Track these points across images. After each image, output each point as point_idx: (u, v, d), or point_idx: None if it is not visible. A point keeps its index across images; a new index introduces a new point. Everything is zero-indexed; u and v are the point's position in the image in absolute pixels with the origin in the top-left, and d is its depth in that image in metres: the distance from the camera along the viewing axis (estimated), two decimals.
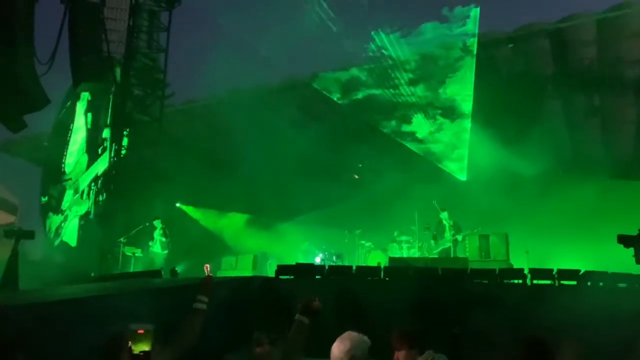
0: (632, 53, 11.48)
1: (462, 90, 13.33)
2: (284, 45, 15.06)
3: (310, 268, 9.05)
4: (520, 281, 7.99)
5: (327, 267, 8.90)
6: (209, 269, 3.03)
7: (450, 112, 14.16)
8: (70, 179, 14.19)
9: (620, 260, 7.48)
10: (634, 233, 6.94)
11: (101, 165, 12.50)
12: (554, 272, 7.99)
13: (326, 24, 13.94)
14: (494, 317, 6.17)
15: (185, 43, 13.73)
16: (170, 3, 12.74)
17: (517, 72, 12.42)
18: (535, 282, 7.92)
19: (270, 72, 14.98)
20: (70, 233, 13.48)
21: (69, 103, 14.76)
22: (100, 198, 12.03)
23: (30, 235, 8.98)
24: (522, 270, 8.21)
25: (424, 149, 14.98)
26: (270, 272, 10.50)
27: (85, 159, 13.54)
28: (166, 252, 11.68)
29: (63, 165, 14.60)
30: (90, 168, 13.09)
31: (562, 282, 7.84)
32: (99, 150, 12.78)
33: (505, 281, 8.09)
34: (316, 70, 13.93)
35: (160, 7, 12.71)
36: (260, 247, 14.13)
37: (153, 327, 2.39)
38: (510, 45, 12.05)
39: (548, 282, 7.92)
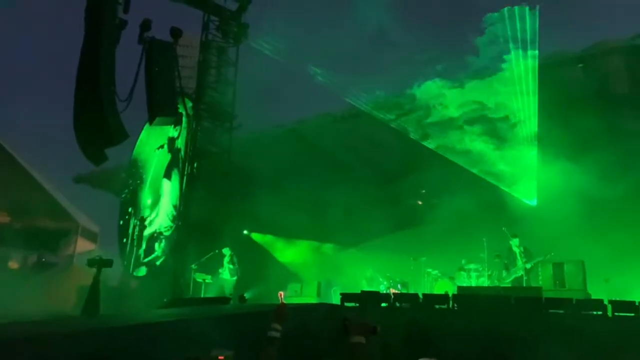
0: None
1: (527, 112, 12.99)
2: (345, 73, 15.34)
3: (375, 296, 8.99)
4: (600, 312, 7.55)
5: (393, 296, 8.80)
6: (283, 296, 3.06)
7: (516, 135, 13.80)
8: (145, 214, 14.91)
9: None
10: None
11: (175, 194, 13.10)
12: (637, 304, 7.49)
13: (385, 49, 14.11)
14: (572, 351, 5.86)
15: (252, 76, 14.27)
16: (237, 39, 13.36)
17: (590, 93, 11.94)
18: (616, 314, 7.45)
19: (333, 102, 15.25)
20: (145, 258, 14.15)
21: (145, 137, 15.65)
22: (174, 227, 12.57)
23: (109, 263, 9.59)
24: (601, 301, 7.76)
25: (490, 173, 14.62)
26: (335, 299, 10.52)
27: (162, 191, 14.20)
28: (235, 278, 11.99)
29: (138, 201, 15.41)
30: (166, 201, 13.73)
31: None
32: (178, 182, 13.37)
33: (583, 312, 7.67)
34: (377, 97, 14.08)
35: (228, 43, 13.35)
36: (325, 274, 14.16)
37: (233, 353, 2.47)
38: (580, 65, 11.64)
39: (631, 314, 7.42)
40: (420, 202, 16.54)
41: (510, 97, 12.95)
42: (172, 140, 14.16)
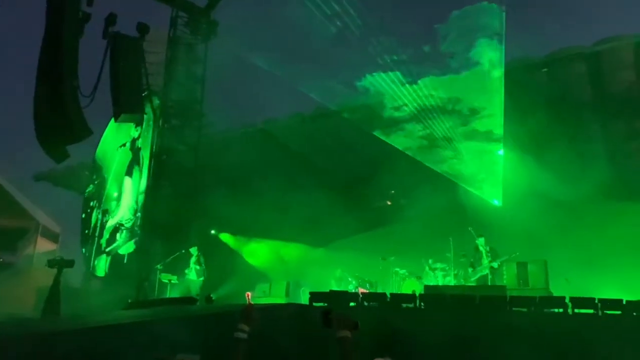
0: None
1: (493, 115, 13.22)
2: (316, 76, 15.32)
3: (344, 295, 8.99)
4: (562, 310, 7.75)
5: (360, 295, 8.83)
6: (250, 296, 2.99)
7: (483, 138, 14.03)
8: (109, 207, 14.62)
9: None
10: None
11: (139, 192, 12.85)
12: (596, 301, 7.72)
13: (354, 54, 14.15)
14: (535, 347, 5.98)
15: (220, 74, 14.10)
16: (206, 36, 13.17)
17: (553, 97, 12.25)
18: (577, 311, 7.66)
19: (303, 102, 15.22)
20: (108, 260, 13.85)
21: (110, 133, 15.32)
22: (137, 227, 12.33)
23: (70, 264, 9.33)
24: (563, 298, 7.97)
25: (457, 174, 14.84)
26: (304, 299, 10.47)
27: (124, 188, 13.95)
28: (202, 279, 11.81)
29: (103, 194, 15.08)
30: (128, 196, 13.47)
31: (605, 311, 7.56)
32: (139, 179, 13.16)
33: (545, 310, 7.86)
34: (346, 99, 14.10)
35: (196, 39, 13.15)
36: (294, 274, 14.11)
37: (199, 357, 2.41)
38: (545, 70, 11.93)
39: (590, 311, 7.65)
40: (389, 203, 16.68)
41: (477, 96, 13.15)
42: (133, 139, 13.93)
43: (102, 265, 14.07)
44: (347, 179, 15.87)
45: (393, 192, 16.21)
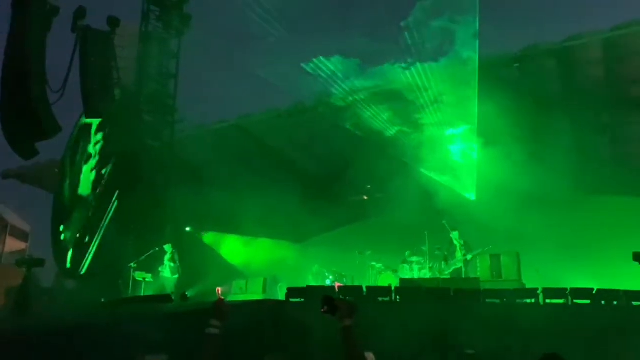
0: (638, 71, 11.49)
1: (467, 110, 13.35)
2: (293, 71, 15.24)
3: (321, 290, 9.01)
4: (533, 301, 7.91)
5: (337, 289, 8.86)
6: (220, 291, 2.97)
7: (458, 132, 14.17)
8: (80, 205, 14.29)
9: (634, 278, 7.39)
10: None
11: (112, 190, 12.61)
12: (567, 292, 7.91)
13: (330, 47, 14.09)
14: (508, 337, 6.10)
15: (195, 69, 13.94)
16: (179, 31, 12.97)
17: (524, 92, 12.44)
18: (548, 301, 7.83)
19: (280, 97, 15.13)
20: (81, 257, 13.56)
21: (80, 131, 14.96)
22: (111, 225, 12.10)
23: (40, 263, 9.12)
24: (535, 289, 8.14)
25: (432, 168, 14.97)
26: (281, 296, 10.46)
27: (95, 184, 13.66)
28: (176, 276, 11.67)
29: (74, 192, 14.72)
30: (100, 192, 13.20)
31: (575, 301, 7.75)
32: (111, 175, 12.89)
33: (518, 301, 8.01)
34: (323, 95, 14.03)
35: (169, 34, 12.94)
36: (271, 271, 14.08)
37: (167, 357, 2.37)
38: (516, 65, 12.10)
39: (561, 301, 7.83)
40: (365, 197, 16.76)
41: (451, 90, 13.24)
42: (109, 134, 13.61)
43: (69, 259, 13.74)
44: (323, 175, 15.89)
45: (369, 186, 16.29)
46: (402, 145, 14.41)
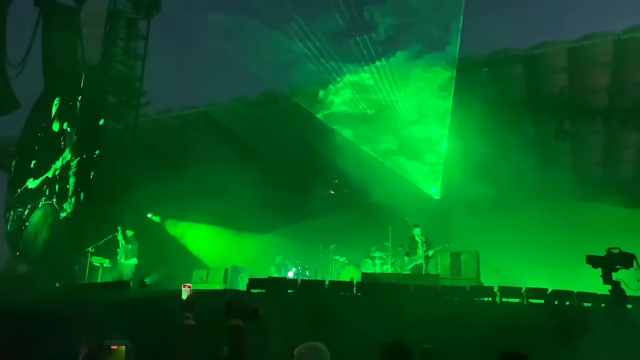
0: (600, 82, 11.87)
1: (440, 111, 13.51)
2: (265, 59, 15.09)
3: (282, 282, 8.99)
4: (490, 299, 8.10)
5: (299, 282, 8.86)
6: (190, 287, 2.90)
7: (428, 131, 14.32)
8: (37, 186, 13.82)
9: (587, 280, 7.67)
10: (602, 254, 7.14)
11: (70, 172, 12.24)
12: (522, 291, 8.13)
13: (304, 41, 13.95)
14: (465, 334, 6.22)
15: (163, 52, 13.61)
16: (149, 12, 12.65)
17: (492, 96, 12.67)
18: (504, 300, 8.03)
19: (249, 86, 14.94)
20: (34, 240, 13.13)
21: (39, 108, 14.43)
22: (69, 208, 11.75)
23: None
24: (492, 288, 8.33)
25: (399, 166, 15.09)
26: (243, 286, 10.38)
27: (54, 164, 13.22)
28: (134, 262, 11.36)
29: (31, 171, 14.21)
30: (59, 173, 12.79)
31: (530, 300, 7.97)
32: (69, 157, 12.51)
33: (475, 299, 8.19)
34: (295, 85, 13.94)
35: (138, 15, 12.60)
36: (233, 261, 13.95)
37: (127, 342, 2.29)
38: (486, 69, 12.31)
39: (517, 300, 8.04)
40: (332, 192, 16.79)
41: (421, 91, 13.37)
42: (70, 113, 13.17)
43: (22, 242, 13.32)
44: (292, 167, 15.81)
45: (336, 181, 16.33)
46: (371, 140, 14.48)
